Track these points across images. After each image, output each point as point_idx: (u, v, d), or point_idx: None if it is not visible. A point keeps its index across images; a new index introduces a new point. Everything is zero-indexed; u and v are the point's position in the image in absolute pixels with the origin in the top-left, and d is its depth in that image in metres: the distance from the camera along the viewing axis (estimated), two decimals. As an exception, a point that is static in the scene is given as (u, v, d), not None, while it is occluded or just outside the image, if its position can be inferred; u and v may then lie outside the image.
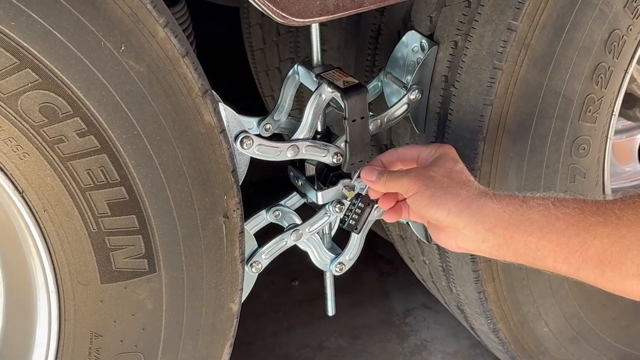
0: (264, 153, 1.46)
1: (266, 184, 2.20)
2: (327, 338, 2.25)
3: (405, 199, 1.39)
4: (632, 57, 1.54)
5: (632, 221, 1.10)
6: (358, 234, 1.57)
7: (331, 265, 1.65)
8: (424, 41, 1.53)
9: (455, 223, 1.24)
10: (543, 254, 1.17)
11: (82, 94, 1.20)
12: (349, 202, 1.51)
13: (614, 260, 1.11)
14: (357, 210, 1.49)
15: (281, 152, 1.47)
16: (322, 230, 1.61)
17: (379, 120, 1.55)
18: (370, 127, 1.51)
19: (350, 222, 1.49)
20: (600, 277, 1.13)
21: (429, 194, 1.27)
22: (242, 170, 1.46)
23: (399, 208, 1.42)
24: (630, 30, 1.50)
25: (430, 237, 1.46)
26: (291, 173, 1.59)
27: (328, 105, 1.50)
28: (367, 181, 1.41)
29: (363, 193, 1.47)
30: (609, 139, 1.61)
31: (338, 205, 1.55)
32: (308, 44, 1.51)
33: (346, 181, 1.52)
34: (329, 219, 1.59)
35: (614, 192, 1.74)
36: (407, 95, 1.55)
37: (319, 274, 1.70)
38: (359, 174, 1.46)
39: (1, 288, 1.43)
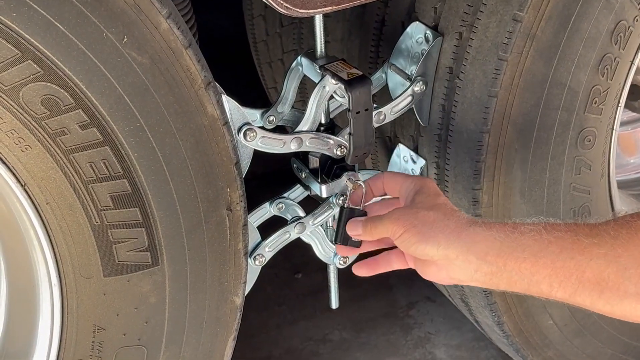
0: (267, 145, 1.45)
1: (269, 177, 2.20)
2: (331, 331, 2.24)
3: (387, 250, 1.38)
4: (638, 48, 1.53)
5: (627, 240, 1.09)
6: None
7: (335, 258, 1.64)
8: (429, 32, 1.52)
9: (447, 255, 1.21)
10: (537, 280, 1.15)
11: (84, 86, 1.19)
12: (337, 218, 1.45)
13: (611, 282, 1.10)
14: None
15: (284, 145, 1.46)
16: (326, 222, 1.61)
17: (383, 112, 1.54)
18: (374, 119, 1.50)
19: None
20: (598, 299, 1.12)
21: (417, 231, 1.24)
22: (246, 163, 1.45)
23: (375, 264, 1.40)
24: (637, 21, 1.49)
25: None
26: (295, 165, 1.58)
27: (331, 97, 1.49)
28: (355, 235, 1.37)
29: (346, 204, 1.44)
30: (614, 131, 1.61)
31: (342, 198, 1.54)
32: (311, 35, 1.50)
33: (350, 173, 1.51)
34: (333, 212, 1.58)
35: (621, 187, 1.74)
36: (411, 87, 1.54)
37: (322, 267, 1.69)
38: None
39: (4, 281, 1.43)
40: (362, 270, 1.40)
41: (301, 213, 1.59)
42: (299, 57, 1.52)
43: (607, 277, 1.10)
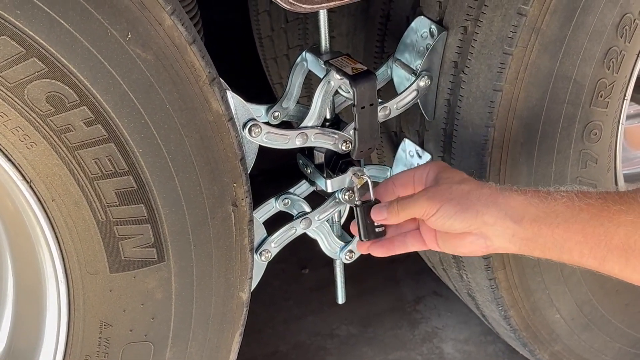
0: (272, 141, 1.45)
1: (275, 172, 2.20)
2: (338, 326, 2.24)
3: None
4: (644, 41, 1.53)
5: None
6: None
7: (341, 253, 1.64)
8: (433, 27, 1.52)
9: (485, 221, 1.23)
10: (569, 247, 1.18)
11: (89, 83, 1.19)
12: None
13: (637, 248, 1.12)
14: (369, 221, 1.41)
15: (290, 140, 1.46)
16: (332, 218, 1.61)
17: (388, 107, 1.53)
18: (380, 114, 1.50)
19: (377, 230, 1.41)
20: (625, 267, 1.14)
21: (454, 204, 1.26)
22: (251, 159, 1.45)
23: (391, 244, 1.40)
24: (642, 13, 1.48)
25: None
26: (300, 161, 1.58)
27: (336, 92, 1.49)
28: (380, 221, 1.38)
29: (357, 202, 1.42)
30: (620, 124, 1.60)
31: (347, 193, 1.54)
32: (316, 30, 1.50)
33: (355, 169, 1.51)
34: (339, 207, 1.58)
35: (627, 181, 1.74)
36: (416, 82, 1.54)
37: (329, 262, 1.69)
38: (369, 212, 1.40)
39: (11, 278, 1.44)
40: (378, 251, 1.41)
41: (307, 208, 1.59)
42: (304, 53, 1.52)
43: (633, 243, 1.12)
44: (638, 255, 1.12)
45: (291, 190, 1.60)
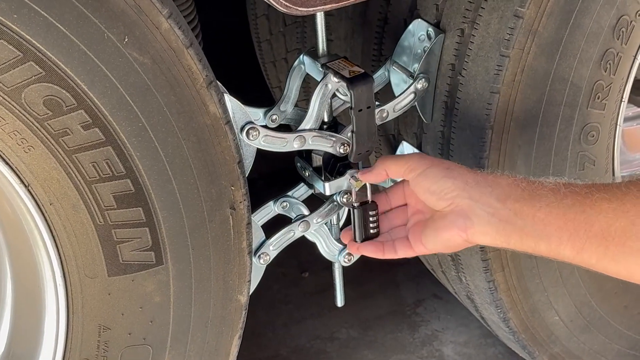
0: (270, 144, 1.45)
1: (274, 175, 2.20)
2: (338, 329, 2.24)
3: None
4: (641, 43, 1.53)
5: (637, 196, 1.11)
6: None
7: (339, 256, 1.64)
8: (431, 29, 1.52)
9: (471, 195, 1.24)
10: (549, 232, 1.17)
11: (86, 87, 1.20)
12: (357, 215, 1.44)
13: (617, 237, 1.12)
14: (371, 219, 1.44)
15: (287, 143, 1.46)
16: (330, 220, 1.61)
17: (385, 110, 1.54)
18: (377, 116, 1.50)
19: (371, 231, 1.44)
20: (603, 256, 1.13)
21: (445, 167, 1.29)
22: (249, 162, 1.45)
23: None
24: (639, 15, 1.48)
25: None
26: (298, 164, 1.58)
27: (334, 95, 1.49)
28: (364, 175, 1.42)
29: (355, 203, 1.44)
30: (618, 126, 1.60)
31: (345, 196, 1.54)
32: (314, 34, 1.50)
33: (353, 171, 1.51)
34: (337, 210, 1.58)
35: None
36: (414, 84, 1.54)
37: (330, 266, 1.69)
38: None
39: (10, 282, 1.44)
40: (368, 248, 1.42)
41: (305, 211, 1.59)
42: (301, 56, 1.52)
43: (614, 232, 1.12)
44: (617, 243, 1.11)
45: (289, 193, 1.60)
